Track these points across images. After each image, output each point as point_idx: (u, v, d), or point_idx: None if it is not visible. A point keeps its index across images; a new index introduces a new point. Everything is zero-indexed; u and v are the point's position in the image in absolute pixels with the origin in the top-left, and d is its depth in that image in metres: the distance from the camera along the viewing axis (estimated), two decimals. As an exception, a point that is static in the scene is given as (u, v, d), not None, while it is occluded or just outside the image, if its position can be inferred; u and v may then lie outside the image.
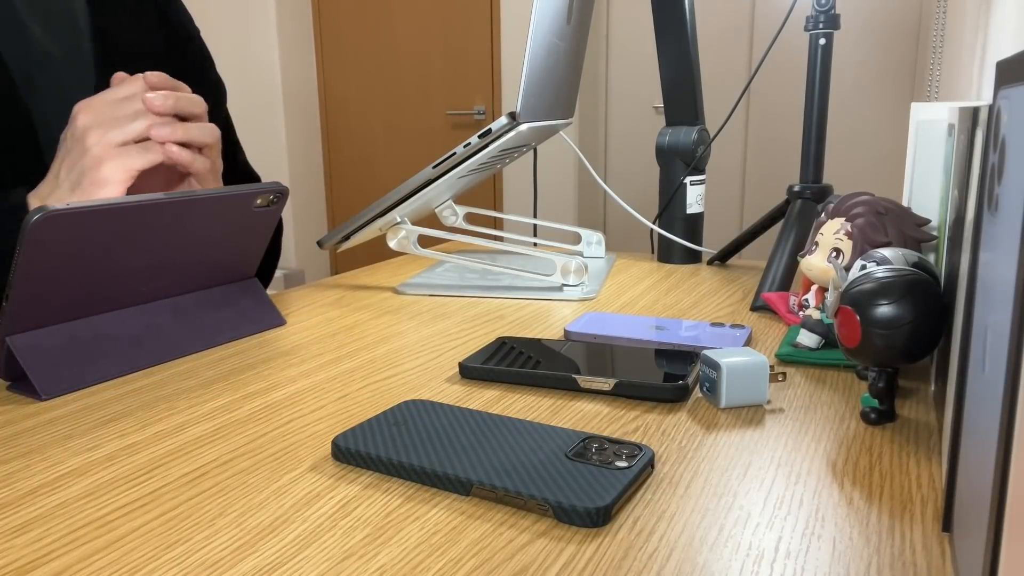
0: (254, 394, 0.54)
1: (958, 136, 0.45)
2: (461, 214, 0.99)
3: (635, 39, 3.34)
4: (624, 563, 0.33)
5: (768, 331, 0.69)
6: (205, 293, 0.67)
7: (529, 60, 0.77)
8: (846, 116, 3.02)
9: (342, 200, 3.91)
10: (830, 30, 0.80)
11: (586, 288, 0.83)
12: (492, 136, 0.80)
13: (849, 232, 0.57)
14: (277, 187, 0.66)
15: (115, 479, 0.42)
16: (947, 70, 2.03)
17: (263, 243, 0.70)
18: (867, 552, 0.34)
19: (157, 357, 0.62)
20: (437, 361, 0.61)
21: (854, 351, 0.46)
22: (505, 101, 3.43)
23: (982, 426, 0.27)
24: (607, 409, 0.51)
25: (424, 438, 0.44)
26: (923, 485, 0.40)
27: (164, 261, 0.61)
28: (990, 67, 1.11)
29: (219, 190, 0.62)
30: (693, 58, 0.97)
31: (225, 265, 0.68)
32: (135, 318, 0.61)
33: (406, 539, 0.35)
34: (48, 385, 0.54)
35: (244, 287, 0.71)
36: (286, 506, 0.38)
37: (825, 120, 0.83)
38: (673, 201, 0.99)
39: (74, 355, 0.57)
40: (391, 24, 3.59)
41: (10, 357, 0.54)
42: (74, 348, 0.57)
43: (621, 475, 0.39)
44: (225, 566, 0.33)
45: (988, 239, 0.29)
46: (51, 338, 0.56)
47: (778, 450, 0.44)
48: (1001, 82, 0.29)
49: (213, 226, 0.63)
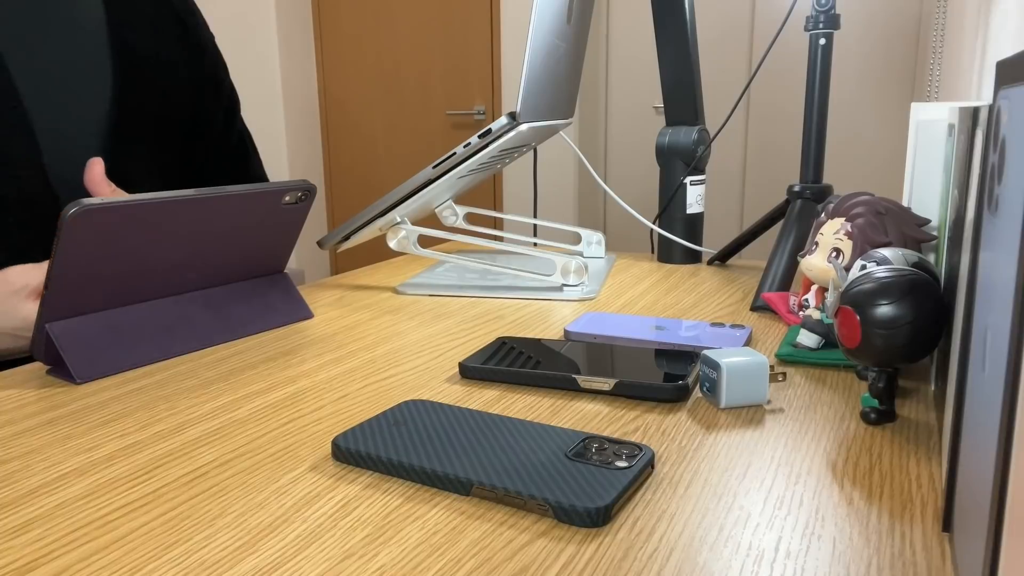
0: (254, 394, 0.54)
1: (958, 136, 0.45)
2: (461, 214, 0.99)
3: (635, 39, 3.34)
4: (624, 563, 0.33)
5: (768, 331, 0.69)
6: (235, 286, 0.70)
7: (529, 60, 0.77)
8: (846, 116, 3.02)
9: (342, 200, 3.91)
10: (830, 30, 0.80)
11: (586, 288, 0.83)
12: (492, 136, 0.80)
13: (849, 232, 0.57)
14: (305, 184, 0.68)
15: (115, 479, 0.42)
16: (947, 70, 2.03)
17: (292, 238, 0.72)
18: (867, 552, 0.34)
19: (188, 346, 0.64)
20: (437, 361, 0.61)
21: (854, 351, 0.46)
22: (505, 101, 3.43)
23: (982, 426, 0.27)
24: (607, 409, 0.51)
25: (424, 438, 0.44)
26: (923, 485, 0.40)
27: (195, 255, 0.63)
28: (990, 67, 1.11)
29: (248, 187, 0.64)
30: (693, 58, 0.97)
31: (255, 259, 0.70)
32: (168, 308, 0.64)
33: (406, 539, 0.35)
34: (83, 369, 0.57)
35: (274, 280, 0.74)
36: (286, 506, 0.38)
37: (825, 120, 0.83)
38: (673, 201, 0.99)
39: (109, 342, 0.59)
40: (391, 24, 3.59)
41: (48, 343, 0.56)
42: (109, 335, 0.59)
43: (621, 475, 0.39)
44: (225, 566, 0.33)
45: (988, 239, 0.29)
46: (87, 325, 0.58)
47: (778, 450, 0.44)
48: (1001, 82, 0.29)
49: (243, 222, 0.65)
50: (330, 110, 3.82)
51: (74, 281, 0.56)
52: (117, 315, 0.60)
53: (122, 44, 0.80)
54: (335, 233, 0.89)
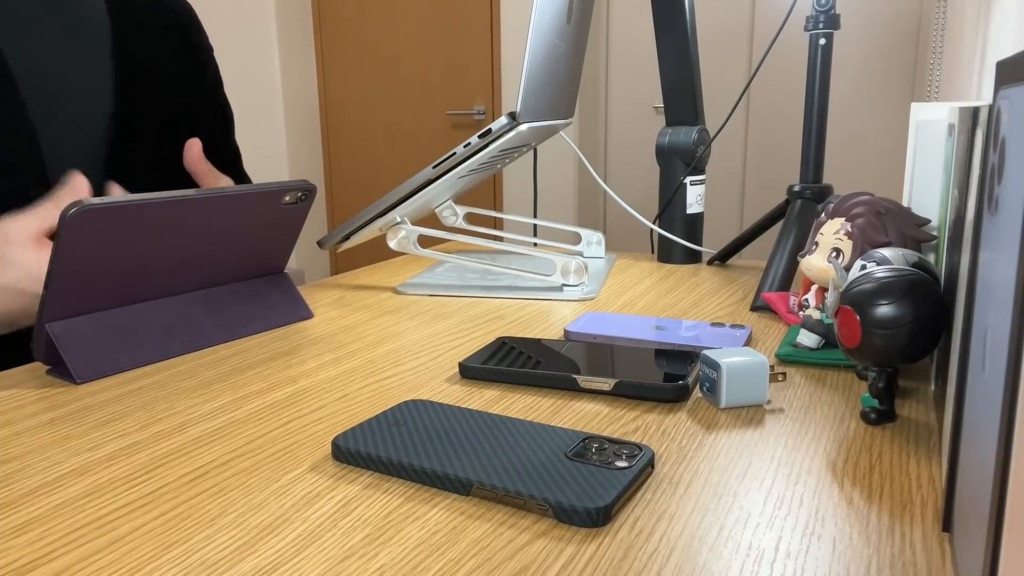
0: (254, 394, 0.54)
1: (958, 136, 0.45)
2: (461, 214, 0.99)
3: (635, 39, 3.34)
4: (624, 563, 0.33)
5: (768, 331, 0.69)
6: (236, 285, 0.70)
7: (529, 60, 0.77)
8: (846, 116, 3.02)
9: (342, 200, 3.91)
10: (830, 30, 0.80)
11: (586, 288, 0.83)
12: (492, 136, 0.80)
13: (849, 232, 0.57)
14: (305, 185, 0.68)
15: (115, 479, 0.42)
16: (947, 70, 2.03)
17: (292, 238, 0.72)
18: (867, 552, 0.34)
19: (189, 346, 0.64)
20: (437, 361, 0.61)
21: (854, 351, 0.46)
22: (505, 101, 3.43)
23: (982, 426, 0.27)
24: (607, 409, 0.51)
25: (424, 438, 0.44)
26: (923, 485, 0.40)
27: (196, 254, 0.63)
28: (990, 67, 1.11)
29: (248, 187, 0.64)
30: (693, 58, 0.97)
31: (255, 259, 0.70)
32: (168, 308, 0.64)
33: (406, 539, 0.35)
34: (83, 369, 0.57)
35: (274, 280, 0.74)
36: (286, 506, 0.38)
37: (825, 120, 0.83)
38: (673, 201, 0.99)
39: (109, 342, 0.59)
40: (391, 25, 3.59)
41: (49, 343, 0.56)
42: (109, 335, 0.59)
43: (621, 475, 0.39)
44: (225, 566, 0.33)
45: (988, 239, 0.29)
46: (87, 325, 0.58)
47: (778, 450, 0.44)
48: (1001, 82, 0.29)
49: (243, 222, 0.65)
50: (330, 110, 3.82)
51: (74, 281, 0.56)
52: (117, 315, 0.60)
53: (124, 51, 0.81)
54: (335, 233, 0.89)
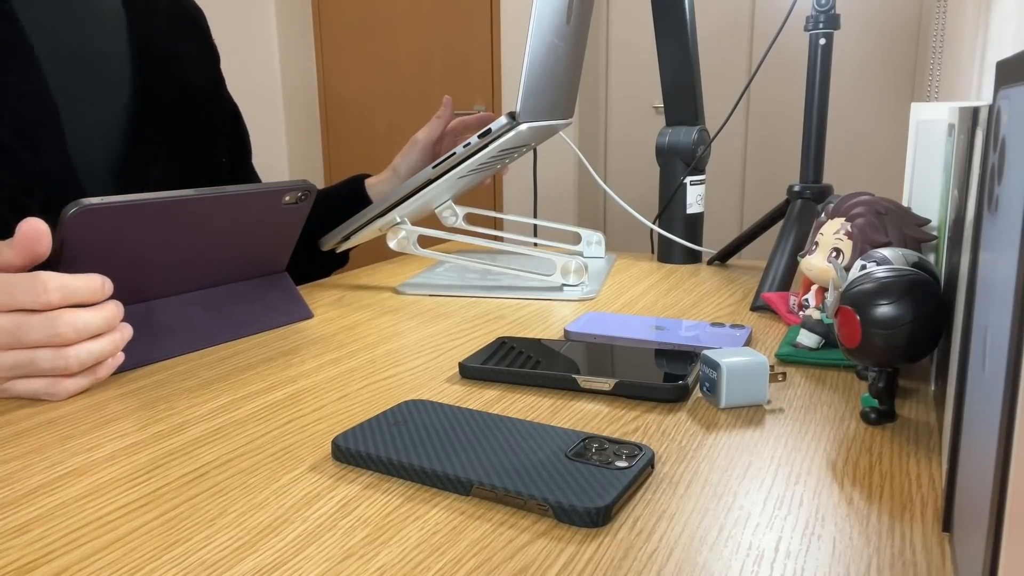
0: (254, 394, 0.54)
1: (958, 136, 0.45)
2: (461, 214, 0.99)
3: (635, 39, 3.34)
4: (624, 563, 0.33)
5: (768, 331, 0.69)
6: (235, 286, 0.70)
7: (529, 60, 0.77)
8: (846, 116, 3.02)
9: (342, 200, 3.91)
10: (830, 30, 0.80)
11: (586, 288, 0.83)
12: (492, 136, 0.80)
13: (849, 232, 0.57)
14: (305, 185, 0.68)
15: (115, 479, 0.42)
16: (947, 70, 2.03)
17: (292, 238, 0.72)
18: (867, 552, 0.34)
19: (189, 346, 0.64)
20: (437, 361, 0.61)
21: (854, 351, 0.46)
22: (505, 101, 3.43)
23: (982, 426, 0.27)
24: (607, 409, 0.51)
25: (424, 438, 0.44)
26: (923, 485, 0.40)
27: (195, 254, 0.63)
28: (990, 67, 1.11)
29: (248, 187, 0.64)
30: (693, 58, 0.97)
31: (255, 259, 0.70)
32: (168, 308, 0.64)
33: (406, 539, 0.35)
34: None
35: (273, 280, 0.73)
36: (286, 506, 0.38)
37: (825, 120, 0.83)
38: (673, 201, 0.99)
39: None
40: (391, 24, 3.59)
41: None
42: None
43: (621, 475, 0.39)
44: (225, 566, 0.33)
45: (988, 239, 0.29)
46: None
47: (778, 450, 0.44)
48: (1001, 82, 0.29)
49: (243, 222, 0.65)
50: (330, 109, 3.82)
51: None
52: None
53: (141, 38, 0.83)
54: (335, 233, 0.89)
